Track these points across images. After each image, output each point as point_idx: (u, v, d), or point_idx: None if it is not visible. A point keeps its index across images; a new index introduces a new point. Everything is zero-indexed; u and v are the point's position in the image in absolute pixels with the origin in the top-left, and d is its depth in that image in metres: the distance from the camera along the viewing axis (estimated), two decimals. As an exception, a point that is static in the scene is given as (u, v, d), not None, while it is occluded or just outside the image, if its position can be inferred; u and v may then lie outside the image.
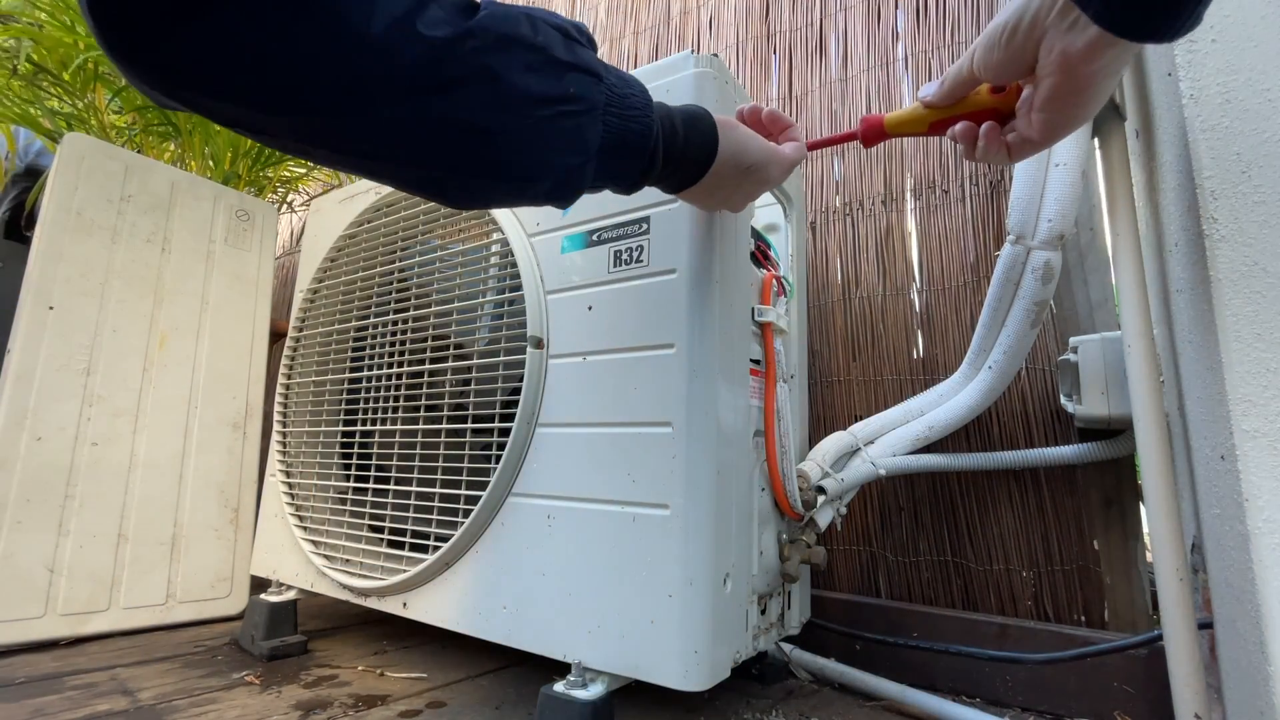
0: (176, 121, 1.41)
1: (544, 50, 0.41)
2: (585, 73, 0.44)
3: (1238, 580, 0.50)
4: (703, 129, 0.53)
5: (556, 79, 0.42)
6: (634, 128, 0.47)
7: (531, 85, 0.41)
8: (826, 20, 1.21)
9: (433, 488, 0.80)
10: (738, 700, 0.81)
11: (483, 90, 0.39)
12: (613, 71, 0.47)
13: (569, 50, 0.43)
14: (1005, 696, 0.83)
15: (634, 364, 0.66)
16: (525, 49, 0.41)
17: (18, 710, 0.73)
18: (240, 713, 0.74)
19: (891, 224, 1.08)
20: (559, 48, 0.43)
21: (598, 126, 0.45)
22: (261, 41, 0.32)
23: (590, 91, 0.44)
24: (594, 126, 0.45)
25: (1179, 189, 0.52)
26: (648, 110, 0.48)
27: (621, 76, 0.47)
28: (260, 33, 0.32)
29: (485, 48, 0.39)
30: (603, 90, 0.45)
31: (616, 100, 0.46)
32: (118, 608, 1.05)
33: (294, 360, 1.07)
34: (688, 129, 0.51)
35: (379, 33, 0.34)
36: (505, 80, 0.40)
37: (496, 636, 0.71)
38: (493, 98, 0.40)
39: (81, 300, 1.08)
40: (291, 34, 0.33)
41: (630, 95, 0.47)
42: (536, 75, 0.41)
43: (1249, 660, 0.49)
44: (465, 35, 0.38)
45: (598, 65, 0.45)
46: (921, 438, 0.86)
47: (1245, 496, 0.48)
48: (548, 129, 0.43)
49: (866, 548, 1.03)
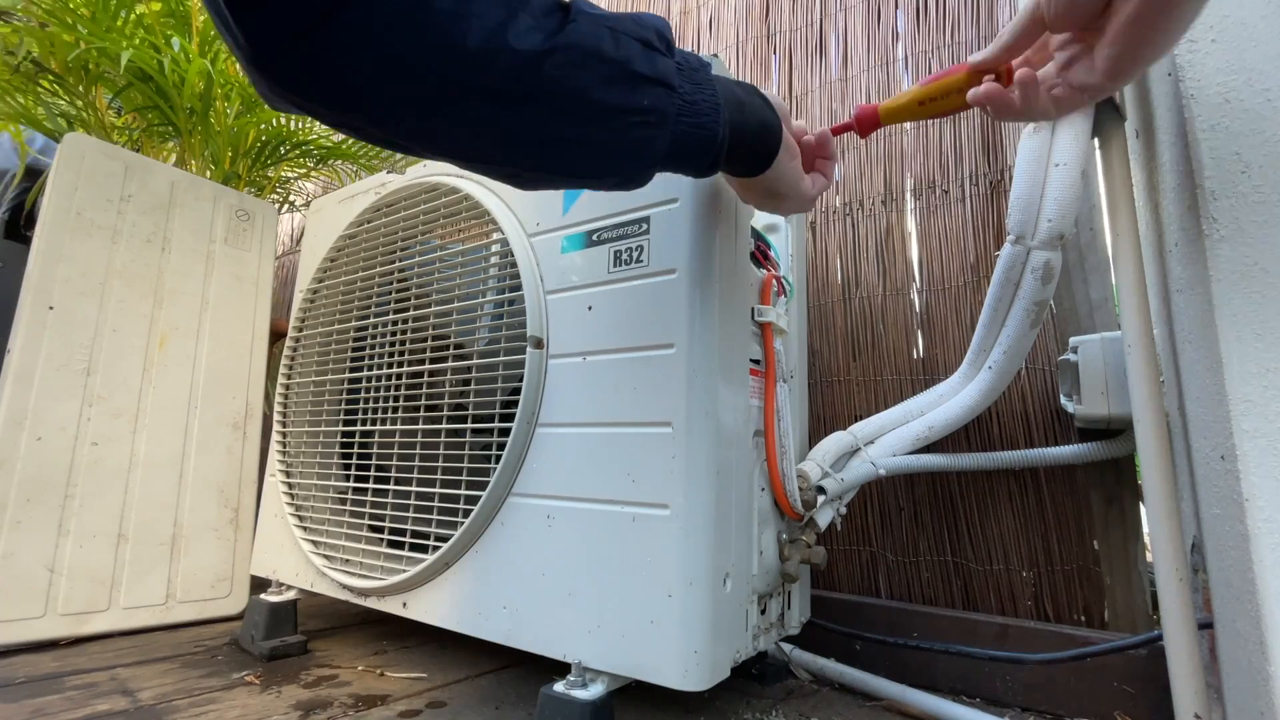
0: (176, 121, 1.41)
1: (623, 64, 0.43)
2: (660, 84, 0.45)
3: (1238, 580, 0.50)
4: (764, 149, 0.54)
5: (632, 91, 0.44)
6: (701, 135, 0.48)
7: (609, 98, 0.43)
8: (826, 20, 1.21)
9: (433, 488, 0.80)
10: (738, 700, 0.81)
11: (564, 104, 0.42)
12: (687, 74, 0.47)
13: (648, 62, 0.44)
14: (1005, 696, 0.83)
15: (634, 364, 0.66)
16: (605, 63, 0.42)
17: (18, 710, 0.73)
18: (240, 713, 0.74)
19: (891, 224, 1.08)
20: (638, 60, 0.44)
21: (667, 136, 0.47)
22: (376, 59, 0.35)
23: (663, 103, 0.45)
24: (664, 136, 0.47)
25: (1179, 189, 0.52)
26: (716, 114, 0.48)
27: (695, 79, 0.48)
28: (373, 53, 0.35)
29: (569, 62, 0.41)
30: (675, 100, 0.46)
31: (688, 109, 0.47)
32: (118, 608, 1.05)
33: (294, 360, 1.07)
34: (754, 140, 0.53)
35: (474, 46, 0.37)
36: (584, 94, 0.42)
37: (496, 636, 0.71)
38: (572, 110, 0.42)
39: (81, 300, 1.08)
40: (401, 52, 0.36)
41: (701, 101, 0.48)
42: (615, 88, 0.43)
43: (1249, 660, 0.49)
44: (551, 51, 0.40)
45: (673, 75, 0.46)
46: (921, 438, 0.86)
47: (1245, 496, 0.48)
48: (621, 139, 0.45)
49: (866, 548, 1.03)
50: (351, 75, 0.36)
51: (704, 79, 0.48)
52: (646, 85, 0.44)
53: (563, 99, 0.41)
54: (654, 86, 0.45)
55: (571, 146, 0.44)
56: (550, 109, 0.41)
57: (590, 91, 0.42)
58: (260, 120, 1.52)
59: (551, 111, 0.42)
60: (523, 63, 0.39)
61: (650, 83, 0.44)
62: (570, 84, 0.41)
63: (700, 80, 0.48)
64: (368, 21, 0.34)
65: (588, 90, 0.42)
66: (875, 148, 1.11)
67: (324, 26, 0.33)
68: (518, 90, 0.40)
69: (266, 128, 1.56)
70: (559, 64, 0.40)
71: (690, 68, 0.48)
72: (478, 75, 0.38)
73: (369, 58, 0.35)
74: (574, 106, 0.42)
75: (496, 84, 0.39)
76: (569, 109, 0.42)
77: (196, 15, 1.42)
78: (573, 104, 0.42)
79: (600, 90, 0.42)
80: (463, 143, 0.42)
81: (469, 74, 0.38)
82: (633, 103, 0.44)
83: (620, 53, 0.43)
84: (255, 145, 1.56)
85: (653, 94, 0.45)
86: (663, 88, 0.45)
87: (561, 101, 0.41)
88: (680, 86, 0.46)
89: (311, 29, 0.33)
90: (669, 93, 0.46)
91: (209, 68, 1.31)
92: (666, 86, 0.45)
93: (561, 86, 0.41)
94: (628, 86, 0.43)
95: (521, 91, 0.40)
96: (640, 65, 0.44)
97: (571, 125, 0.43)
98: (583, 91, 0.42)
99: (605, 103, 0.43)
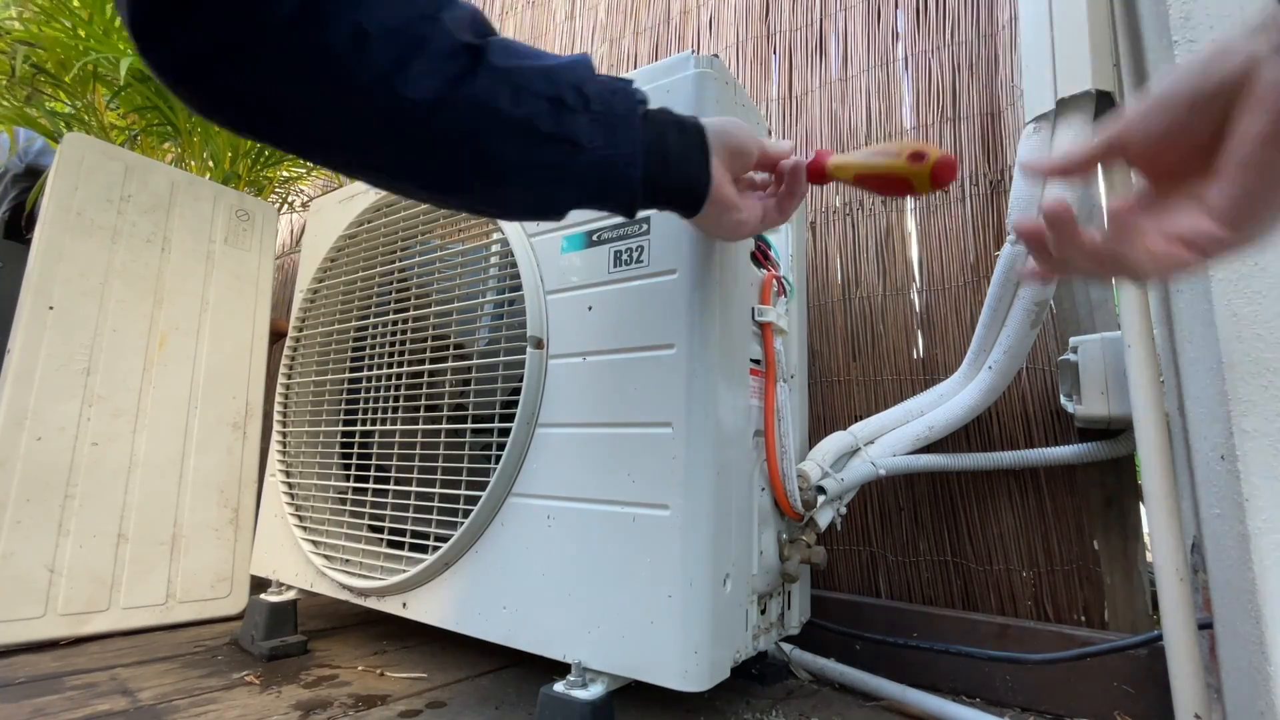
0: (176, 122, 1.41)
1: (524, 122, 0.42)
2: (565, 142, 0.44)
3: (1238, 580, 0.50)
4: (687, 200, 0.52)
5: (532, 149, 0.43)
6: (610, 189, 0.48)
7: (506, 154, 0.43)
8: (826, 20, 1.21)
9: (432, 488, 0.80)
10: (738, 700, 0.81)
11: (462, 155, 0.42)
12: (603, 128, 0.46)
13: (554, 120, 0.43)
14: (1005, 696, 0.83)
15: (634, 364, 0.66)
16: (502, 121, 0.42)
17: (17, 710, 0.73)
18: (240, 713, 0.74)
19: (891, 224, 1.08)
20: (542, 118, 0.43)
21: (571, 192, 0.47)
22: (272, 95, 0.36)
23: (565, 160, 0.45)
24: (566, 193, 0.47)
25: (1179, 189, 0.52)
26: (631, 169, 0.47)
27: (614, 134, 0.46)
28: (268, 92, 0.36)
29: (461, 119, 0.40)
30: (582, 158, 0.45)
31: (598, 165, 0.46)
32: (118, 608, 1.05)
33: (294, 360, 1.07)
34: (675, 193, 0.51)
35: (366, 91, 0.37)
36: (480, 149, 0.42)
37: (496, 636, 0.71)
38: (469, 161, 0.42)
39: (81, 300, 1.08)
40: (296, 89, 0.36)
41: (615, 157, 0.46)
42: (512, 144, 0.43)
43: (1249, 660, 0.49)
44: (443, 103, 0.39)
45: (582, 133, 0.44)
46: (921, 437, 0.86)
47: (1245, 496, 0.48)
48: (521, 192, 0.46)
49: (866, 548, 1.03)
50: (255, 109, 0.37)
51: (625, 131, 0.47)
52: (549, 144, 0.43)
53: (459, 151, 0.41)
54: (557, 145, 0.44)
55: (474, 192, 0.45)
56: (449, 159, 0.42)
57: (488, 147, 0.42)
58: (260, 120, 1.51)
59: (451, 162, 0.42)
60: (414, 113, 0.39)
61: (553, 141, 0.43)
62: (465, 138, 0.41)
63: (620, 133, 0.46)
64: (262, 62, 0.34)
65: (483, 146, 0.42)
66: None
67: (223, 62, 0.34)
68: (415, 138, 0.40)
69: (266, 128, 1.56)
70: (451, 119, 0.40)
71: (611, 120, 0.46)
72: (375, 120, 0.38)
73: (265, 96, 0.36)
74: (471, 159, 0.42)
75: (394, 131, 0.39)
76: (466, 161, 0.42)
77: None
78: (469, 156, 0.42)
79: (498, 146, 0.42)
80: (373, 176, 0.44)
81: (366, 119, 0.38)
82: (530, 159, 0.43)
83: (521, 110, 0.42)
84: (255, 145, 1.56)
85: (554, 152, 0.44)
86: (567, 145, 0.44)
87: (459, 153, 0.42)
88: (591, 143, 0.45)
89: (211, 63, 0.34)
90: (574, 150, 0.44)
91: (209, 68, 1.31)
92: (572, 144, 0.44)
93: (456, 140, 0.41)
94: (527, 144, 0.43)
95: (419, 140, 0.40)
96: (544, 123, 0.43)
97: (470, 176, 0.43)
98: (477, 146, 0.42)
99: (501, 159, 0.43)
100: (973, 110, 1.03)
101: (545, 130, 0.43)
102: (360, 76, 0.36)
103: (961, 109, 1.04)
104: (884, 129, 1.11)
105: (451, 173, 0.43)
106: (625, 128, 0.47)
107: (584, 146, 0.45)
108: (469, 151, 0.42)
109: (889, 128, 1.10)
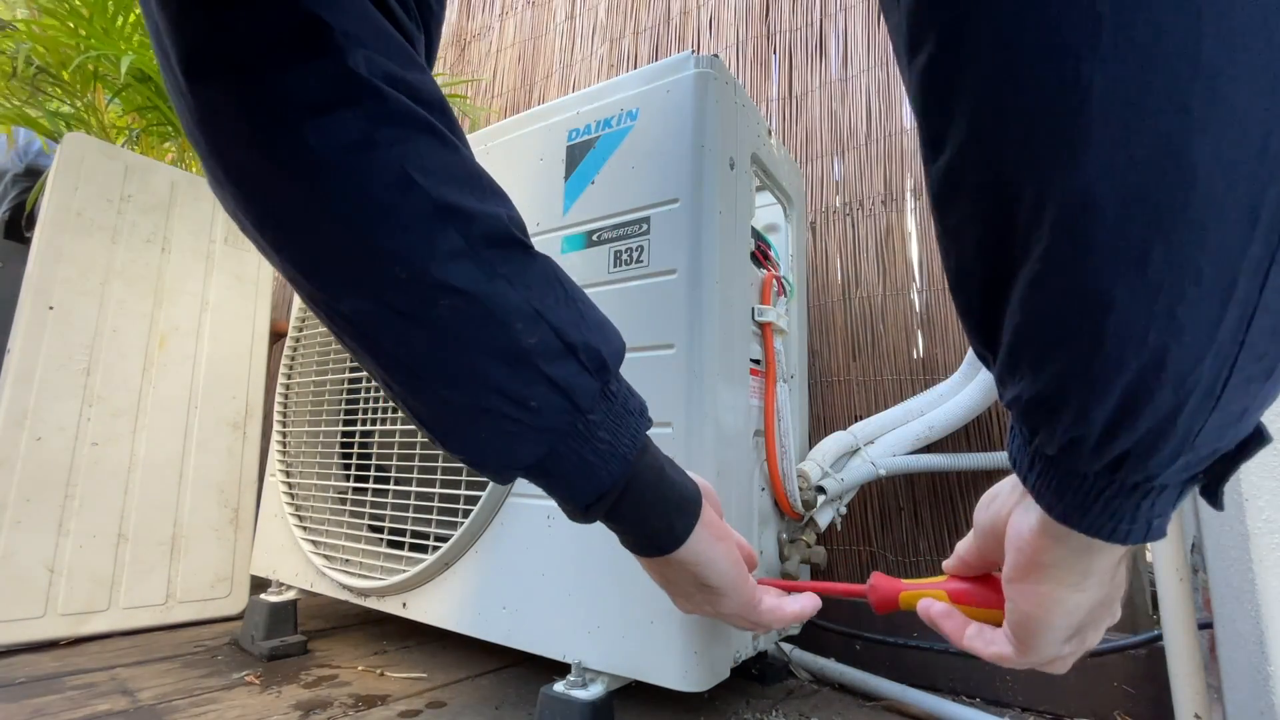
0: (176, 121, 1.41)
1: (526, 354, 0.36)
2: (562, 394, 0.37)
3: (1238, 580, 0.50)
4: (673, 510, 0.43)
5: (523, 382, 0.36)
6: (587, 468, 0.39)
7: (491, 371, 0.36)
8: (826, 20, 1.21)
9: (432, 488, 0.80)
10: (738, 700, 0.81)
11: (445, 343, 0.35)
12: (611, 410, 0.39)
13: (561, 367, 0.37)
14: (1005, 696, 0.83)
15: (634, 364, 0.66)
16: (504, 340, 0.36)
17: (18, 710, 0.73)
18: (240, 713, 0.74)
19: (891, 224, 1.08)
20: (549, 359, 0.37)
21: (541, 447, 0.38)
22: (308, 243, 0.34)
23: (554, 410, 0.37)
24: (534, 446, 0.38)
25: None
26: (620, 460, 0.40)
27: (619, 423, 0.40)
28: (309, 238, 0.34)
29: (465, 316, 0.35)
30: (574, 420, 0.38)
31: (588, 437, 0.38)
32: (117, 608, 1.05)
33: (294, 360, 1.07)
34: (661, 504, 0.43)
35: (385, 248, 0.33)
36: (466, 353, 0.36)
37: (496, 636, 0.71)
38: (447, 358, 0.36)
39: (81, 300, 1.08)
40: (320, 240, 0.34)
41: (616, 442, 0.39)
42: (506, 367, 0.36)
43: (1249, 660, 0.49)
44: (455, 290, 0.34)
45: (585, 397, 0.38)
46: (921, 438, 0.86)
47: (1245, 496, 0.48)
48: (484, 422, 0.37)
49: (866, 548, 1.03)
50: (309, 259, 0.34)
51: (632, 429, 0.40)
52: (543, 385, 0.37)
53: (444, 340, 0.35)
54: (552, 391, 0.37)
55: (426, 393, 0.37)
56: (422, 338, 0.35)
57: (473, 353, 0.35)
58: (260, 120, 1.51)
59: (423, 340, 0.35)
60: (422, 282, 0.34)
61: (549, 385, 0.37)
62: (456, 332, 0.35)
63: (625, 427, 0.40)
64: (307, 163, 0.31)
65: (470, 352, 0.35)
66: (875, 148, 1.11)
67: None
68: (404, 302, 0.34)
69: (266, 128, 1.56)
70: (453, 307, 0.34)
71: (621, 411, 0.40)
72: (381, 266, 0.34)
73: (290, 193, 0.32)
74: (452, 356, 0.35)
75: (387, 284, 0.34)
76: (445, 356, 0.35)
77: (196, 15, 1.42)
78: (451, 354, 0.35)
79: (485, 358, 0.36)
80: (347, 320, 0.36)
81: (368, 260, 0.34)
82: (516, 392, 0.36)
83: (528, 341, 0.36)
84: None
85: (546, 398, 0.37)
86: (563, 398, 0.37)
87: (442, 340, 0.35)
88: (591, 412, 0.38)
89: None
90: (570, 409, 0.37)
91: (209, 68, 1.31)
92: (569, 401, 0.37)
93: (447, 328, 0.35)
94: (521, 373, 0.36)
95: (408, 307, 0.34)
96: (547, 365, 0.36)
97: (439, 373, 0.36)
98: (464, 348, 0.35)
99: (485, 374, 0.36)
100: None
101: (546, 371, 0.37)
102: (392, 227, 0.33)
103: (961, 109, 1.04)
104: (884, 129, 1.11)
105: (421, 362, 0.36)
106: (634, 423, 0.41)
107: (581, 410, 0.38)
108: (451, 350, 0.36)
109: (889, 127, 1.10)
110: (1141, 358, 0.22)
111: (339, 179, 0.32)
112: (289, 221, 0.34)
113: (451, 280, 0.34)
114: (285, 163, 0.32)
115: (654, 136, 0.69)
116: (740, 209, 0.71)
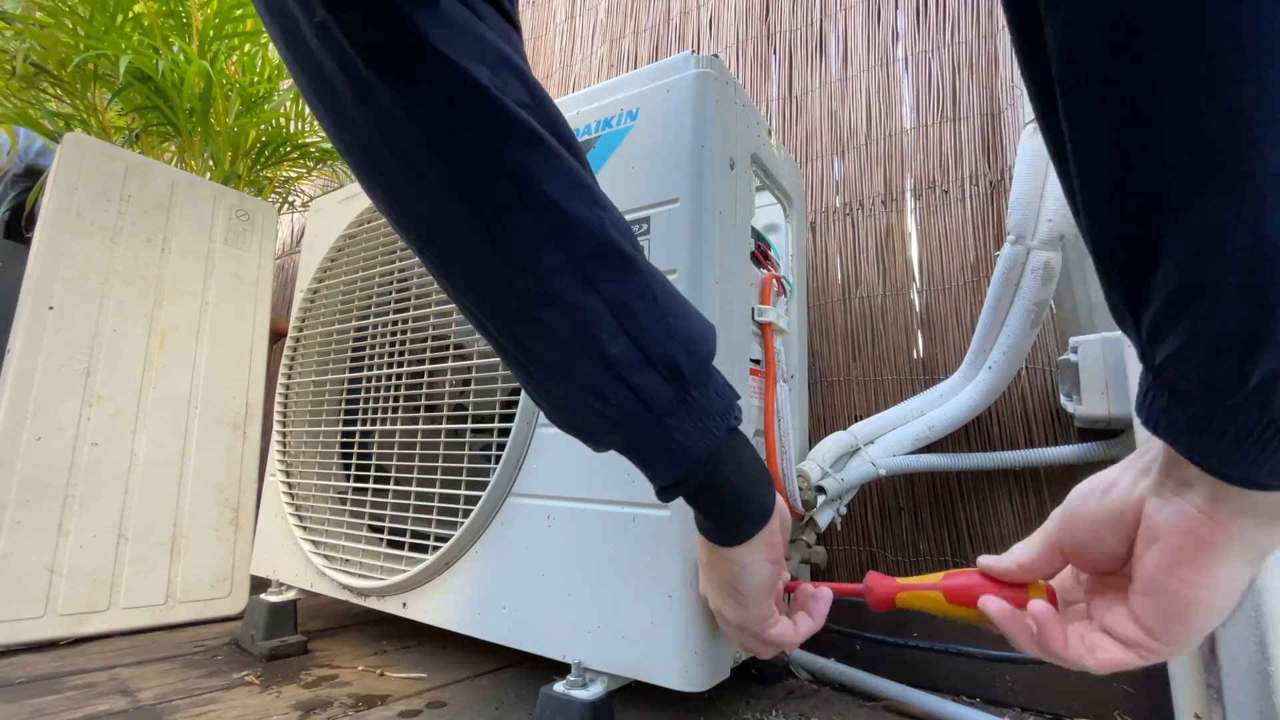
0: (176, 121, 1.41)
1: (611, 361, 0.40)
2: (641, 401, 0.41)
3: (1238, 580, 0.49)
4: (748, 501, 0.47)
5: (607, 385, 0.41)
6: (666, 458, 0.43)
7: (581, 370, 0.40)
8: (826, 20, 1.21)
9: (433, 488, 0.80)
10: (738, 700, 0.81)
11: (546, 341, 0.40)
12: (691, 413, 0.43)
13: (640, 375, 0.41)
14: (1005, 696, 0.83)
15: (634, 364, 0.66)
16: (593, 350, 0.40)
17: (18, 710, 0.73)
18: (240, 713, 0.74)
19: (891, 224, 1.08)
20: (629, 367, 0.40)
21: (620, 438, 0.43)
22: None
23: (631, 413, 0.41)
24: (615, 435, 0.43)
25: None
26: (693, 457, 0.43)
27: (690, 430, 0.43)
28: None
29: (559, 324, 0.39)
30: (649, 422, 0.42)
31: (663, 437, 0.42)
32: (117, 608, 1.05)
33: (294, 360, 1.07)
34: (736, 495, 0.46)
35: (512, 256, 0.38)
36: (563, 352, 0.40)
37: (496, 637, 0.71)
38: (547, 353, 0.41)
39: (81, 300, 1.08)
40: None
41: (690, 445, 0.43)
42: (593, 368, 0.40)
43: (1249, 660, 0.49)
44: (553, 301, 0.39)
45: (659, 399, 0.41)
46: (921, 437, 0.86)
47: (1245, 496, 0.48)
48: (580, 405, 0.42)
49: (866, 548, 1.03)
50: None
51: (708, 433, 0.43)
52: (624, 390, 0.41)
53: (545, 340, 0.40)
54: (631, 396, 0.41)
55: (535, 381, 0.43)
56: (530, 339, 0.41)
57: (570, 354, 0.40)
58: (260, 121, 1.52)
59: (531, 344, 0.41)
60: (528, 292, 0.38)
61: (629, 390, 0.41)
62: (553, 337, 0.40)
63: (701, 432, 0.43)
64: None
65: (565, 350, 0.40)
66: (875, 148, 1.11)
67: None
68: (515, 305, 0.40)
69: (266, 128, 1.56)
70: (556, 316, 0.39)
71: (700, 414, 0.43)
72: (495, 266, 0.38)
73: None
74: (551, 354, 0.41)
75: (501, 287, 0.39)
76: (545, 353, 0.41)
77: (195, 15, 1.42)
78: (552, 351, 0.41)
79: (579, 360, 0.40)
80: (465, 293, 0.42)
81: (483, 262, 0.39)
82: (601, 391, 0.41)
83: (612, 350, 0.40)
84: (255, 146, 1.56)
85: (625, 400, 0.41)
86: (640, 403, 0.41)
87: (543, 340, 0.40)
88: (667, 415, 0.42)
89: None
90: (645, 411, 0.41)
91: (208, 68, 1.31)
92: (645, 405, 0.41)
93: (546, 332, 0.40)
94: (606, 375, 0.40)
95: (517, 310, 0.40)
96: (628, 373, 0.40)
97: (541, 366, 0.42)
98: (561, 349, 0.40)
99: (577, 371, 0.41)
100: (973, 110, 1.03)
101: (625, 377, 0.41)
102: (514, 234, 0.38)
103: (961, 109, 1.04)
104: (884, 129, 1.11)
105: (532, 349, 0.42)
106: (712, 426, 0.44)
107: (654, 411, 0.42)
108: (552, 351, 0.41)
109: (889, 127, 1.10)
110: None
111: (465, 188, 0.36)
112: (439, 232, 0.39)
113: (552, 292, 0.38)
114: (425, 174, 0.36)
115: (654, 136, 0.69)
116: (740, 209, 0.71)
